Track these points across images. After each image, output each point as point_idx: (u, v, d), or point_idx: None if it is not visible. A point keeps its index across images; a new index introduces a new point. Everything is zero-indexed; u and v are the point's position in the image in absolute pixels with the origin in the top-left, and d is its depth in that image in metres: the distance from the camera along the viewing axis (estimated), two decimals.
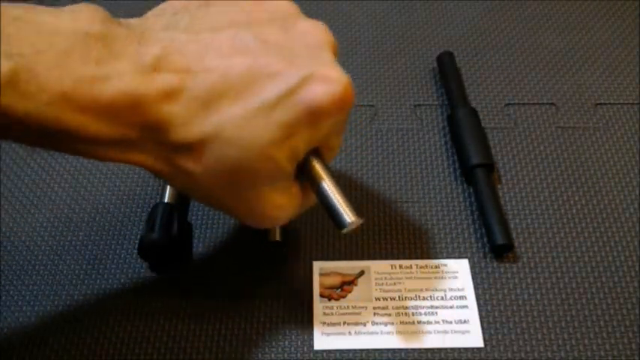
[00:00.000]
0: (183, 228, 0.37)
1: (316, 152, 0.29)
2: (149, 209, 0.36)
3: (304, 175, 0.29)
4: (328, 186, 0.29)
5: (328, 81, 0.26)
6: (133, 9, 0.30)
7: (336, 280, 0.36)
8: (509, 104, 0.44)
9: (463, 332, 0.34)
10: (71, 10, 0.25)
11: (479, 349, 0.33)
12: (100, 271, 0.36)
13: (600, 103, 0.44)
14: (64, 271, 0.36)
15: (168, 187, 0.37)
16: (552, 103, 0.44)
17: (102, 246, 0.37)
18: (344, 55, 0.47)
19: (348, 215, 0.28)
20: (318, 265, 0.36)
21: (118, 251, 0.37)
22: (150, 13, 0.28)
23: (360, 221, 0.29)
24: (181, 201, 0.37)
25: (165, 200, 0.36)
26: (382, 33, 0.49)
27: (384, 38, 0.48)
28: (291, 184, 0.29)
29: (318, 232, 0.38)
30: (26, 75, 0.22)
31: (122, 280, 0.36)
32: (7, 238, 0.37)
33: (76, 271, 0.36)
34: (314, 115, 0.26)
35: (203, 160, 0.26)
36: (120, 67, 0.24)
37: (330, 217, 0.29)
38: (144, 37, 0.25)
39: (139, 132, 0.25)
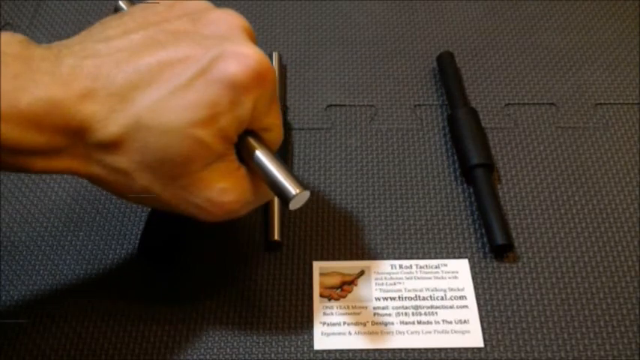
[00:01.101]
0: (182, 228, 0.37)
1: (253, 134, 0.29)
2: (149, 209, 0.36)
3: (241, 156, 0.29)
4: (265, 159, 0.28)
5: (240, 56, 0.26)
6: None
7: (336, 280, 0.36)
8: (509, 104, 0.44)
9: (463, 332, 0.34)
10: None
11: (479, 349, 0.33)
12: (100, 270, 0.36)
13: (600, 103, 0.44)
14: (64, 271, 0.36)
15: None
16: (552, 103, 0.44)
17: (102, 246, 0.37)
18: (344, 55, 0.47)
19: (291, 187, 0.28)
20: (318, 265, 0.36)
21: (118, 251, 0.37)
22: (72, 37, 0.29)
23: (306, 194, 0.28)
24: None
25: None
26: (382, 33, 0.49)
27: (384, 38, 0.48)
28: (231, 166, 0.28)
29: (318, 232, 0.38)
30: None
31: (122, 280, 0.36)
32: (7, 238, 0.37)
33: (76, 271, 0.36)
34: (230, 90, 0.26)
35: (131, 154, 0.26)
36: (37, 78, 0.25)
37: (275, 193, 0.28)
38: (61, 53, 0.26)
39: (64, 137, 0.26)
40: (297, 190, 0.28)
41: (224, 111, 0.26)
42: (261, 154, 0.28)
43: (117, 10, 0.34)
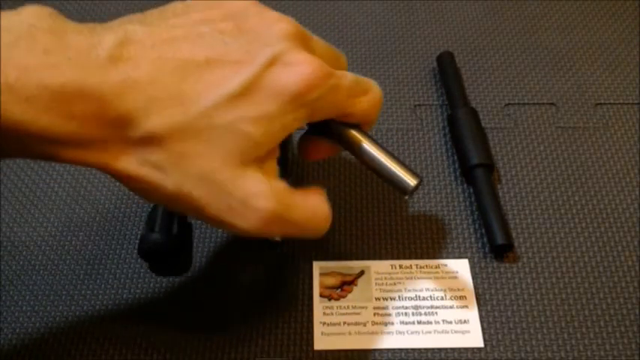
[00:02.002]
0: (183, 228, 0.37)
1: (353, 125, 0.29)
2: (149, 209, 0.36)
3: (348, 148, 0.29)
4: (375, 152, 0.29)
5: (290, 65, 0.25)
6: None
7: (336, 280, 0.36)
8: (509, 104, 0.44)
9: (463, 332, 0.34)
10: (14, 11, 0.23)
11: (479, 349, 0.33)
12: (100, 271, 0.36)
13: (600, 103, 0.44)
14: (64, 271, 0.36)
15: None
16: (552, 103, 0.44)
17: (102, 246, 0.37)
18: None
19: (409, 179, 0.29)
20: (318, 265, 0.36)
21: (118, 251, 0.37)
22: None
23: (421, 182, 0.29)
24: None
25: None
26: (382, 33, 0.49)
27: (384, 38, 0.48)
28: (271, 171, 0.27)
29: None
30: None
31: (122, 280, 0.36)
32: (7, 238, 0.37)
33: (76, 271, 0.36)
34: (291, 98, 0.25)
35: (171, 152, 0.24)
36: (71, 55, 0.22)
37: (391, 185, 0.30)
38: (96, 29, 0.24)
39: (98, 127, 0.23)
40: (415, 181, 0.29)
41: (284, 114, 0.26)
42: (368, 148, 0.29)
43: None
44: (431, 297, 0.35)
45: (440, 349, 0.33)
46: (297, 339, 0.34)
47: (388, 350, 0.33)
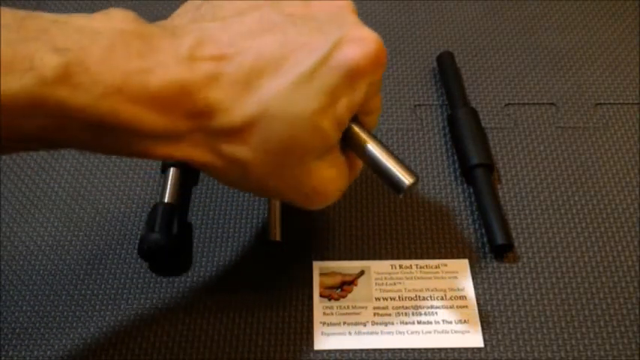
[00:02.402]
0: (183, 228, 0.37)
1: (356, 120, 0.29)
2: (149, 209, 0.36)
3: (348, 145, 0.29)
4: (376, 149, 0.29)
5: (359, 41, 0.26)
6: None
7: (336, 280, 0.36)
8: (509, 104, 0.44)
9: (463, 332, 0.34)
10: (104, 13, 0.25)
11: (479, 349, 0.33)
12: (100, 271, 0.36)
13: (600, 103, 0.44)
14: (64, 271, 0.36)
15: (169, 187, 0.37)
16: (552, 103, 0.44)
17: (102, 246, 0.37)
18: None
19: (404, 177, 0.28)
20: (318, 265, 0.36)
21: (118, 251, 0.37)
22: (174, 15, 0.29)
23: (417, 182, 0.29)
24: (181, 201, 0.37)
25: (166, 200, 0.36)
26: (382, 33, 0.48)
27: (384, 38, 0.48)
28: (337, 154, 0.29)
29: (318, 232, 0.38)
30: (78, 68, 0.23)
31: (122, 280, 0.36)
32: (7, 238, 0.37)
33: (76, 271, 0.36)
34: (352, 76, 0.26)
35: (252, 143, 0.26)
36: (161, 59, 0.24)
37: (385, 182, 0.29)
38: (175, 32, 0.26)
39: (188, 121, 0.25)
40: (411, 180, 0.28)
41: (343, 97, 0.26)
42: (371, 144, 0.29)
43: None
44: (431, 297, 0.35)
45: (440, 349, 0.33)
46: (297, 339, 0.34)
47: (388, 350, 0.33)
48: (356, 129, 0.29)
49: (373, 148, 0.29)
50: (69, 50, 0.23)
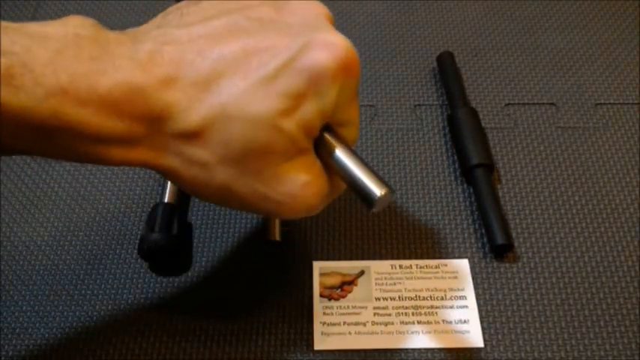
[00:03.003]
0: (183, 228, 0.37)
1: (330, 129, 0.27)
2: (149, 209, 0.36)
3: (319, 154, 0.27)
4: (345, 158, 0.27)
5: (328, 45, 0.25)
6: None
7: (336, 280, 0.36)
8: (509, 104, 0.44)
9: (463, 332, 0.34)
10: (60, 21, 0.24)
11: (479, 349, 0.33)
12: (100, 271, 0.36)
13: (600, 103, 0.44)
14: (64, 271, 0.36)
15: (169, 186, 0.37)
16: (552, 103, 0.44)
17: (102, 246, 0.37)
18: None
19: (375, 188, 0.25)
20: (318, 265, 0.36)
21: (118, 251, 0.37)
22: (144, 25, 0.28)
23: (391, 194, 0.26)
24: (181, 201, 0.37)
25: (165, 200, 0.36)
26: (382, 33, 0.49)
27: (384, 38, 0.48)
28: (311, 159, 0.27)
29: (318, 232, 0.38)
30: (20, 69, 0.22)
31: (122, 280, 0.36)
32: (7, 238, 0.37)
33: (76, 271, 0.36)
34: (318, 80, 0.25)
35: (212, 145, 0.25)
36: (115, 62, 0.24)
37: (356, 194, 0.26)
38: (136, 38, 0.25)
39: (142, 125, 0.24)
40: (382, 192, 0.25)
41: (308, 101, 0.25)
42: (340, 151, 0.27)
43: None
44: (431, 297, 0.35)
45: (440, 349, 0.33)
46: (297, 339, 0.34)
47: (388, 350, 0.33)
48: (327, 136, 0.27)
49: (342, 156, 0.27)
50: (14, 54, 0.22)
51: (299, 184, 0.26)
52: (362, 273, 0.36)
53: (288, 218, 0.28)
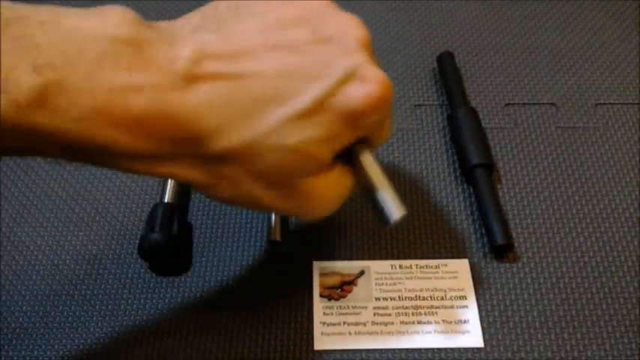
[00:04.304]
0: (183, 228, 0.37)
1: (364, 140, 0.28)
2: (149, 209, 0.36)
3: (348, 161, 0.28)
4: (375, 180, 0.28)
5: (366, 81, 0.25)
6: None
7: (336, 280, 0.36)
8: (509, 104, 0.44)
9: (463, 332, 0.34)
10: (99, 13, 0.23)
11: (479, 349, 0.33)
12: (100, 271, 0.36)
13: (600, 103, 0.44)
14: (64, 271, 0.36)
15: (169, 186, 0.37)
16: (552, 103, 0.44)
17: (102, 246, 0.37)
18: None
19: (394, 211, 0.27)
20: (318, 265, 0.36)
21: (118, 251, 0.37)
22: (179, 18, 0.27)
23: (405, 215, 0.27)
24: (181, 201, 0.37)
25: (165, 200, 0.36)
26: (382, 33, 0.49)
27: (384, 38, 0.48)
28: (340, 170, 0.28)
29: (318, 232, 0.38)
30: (56, 89, 0.21)
31: (122, 280, 0.36)
32: (7, 238, 0.37)
33: (76, 271, 0.36)
34: (353, 118, 0.25)
35: (246, 167, 0.25)
36: (151, 75, 0.23)
37: (374, 210, 0.28)
38: (174, 39, 0.24)
39: (173, 145, 0.24)
40: (400, 214, 0.27)
41: (344, 132, 0.26)
42: (367, 166, 0.28)
43: None
44: (431, 297, 0.35)
45: (440, 349, 0.33)
46: (297, 339, 0.34)
47: (388, 350, 0.33)
48: (356, 150, 0.28)
49: (369, 171, 0.28)
50: (52, 67, 0.21)
51: (323, 198, 0.28)
52: (362, 273, 0.36)
53: (307, 219, 0.29)
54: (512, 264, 0.36)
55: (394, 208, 0.27)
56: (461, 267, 0.36)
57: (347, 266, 0.36)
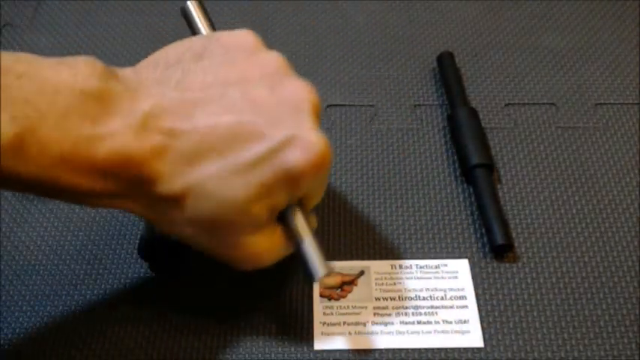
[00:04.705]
0: None
1: (298, 201, 0.30)
2: None
3: (281, 220, 0.30)
4: (304, 240, 0.29)
5: (307, 146, 0.27)
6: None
7: (336, 280, 0.36)
8: (509, 104, 0.44)
9: (463, 332, 0.34)
10: (70, 66, 0.26)
11: (479, 349, 0.33)
12: (100, 271, 0.36)
13: (600, 103, 0.44)
14: (64, 271, 0.36)
15: None
16: (552, 103, 0.44)
17: (102, 246, 0.37)
18: (344, 55, 0.47)
19: (319, 269, 0.29)
20: None
21: (118, 251, 0.37)
22: (144, 63, 0.29)
23: (331, 273, 0.30)
24: None
25: None
26: (382, 33, 0.49)
27: (384, 38, 0.48)
28: (272, 229, 0.29)
29: (319, 232, 0.37)
30: (30, 139, 0.24)
31: (122, 280, 0.36)
32: (7, 238, 0.37)
33: (76, 271, 0.36)
34: (291, 178, 0.27)
35: (185, 210, 0.27)
36: (113, 126, 0.25)
37: (303, 268, 0.30)
38: (136, 93, 0.26)
39: (129, 186, 0.27)
40: (323, 274, 0.29)
41: (281, 191, 0.28)
42: (298, 227, 0.29)
43: (184, 11, 0.34)
44: (431, 297, 0.35)
45: (440, 349, 0.33)
46: (297, 339, 0.34)
47: (388, 350, 0.33)
48: (293, 214, 0.29)
49: (300, 231, 0.29)
50: (27, 118, 0.23)
51: (257, 253, 0.30)
52: (362, 273, 0.36)
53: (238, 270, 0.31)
54: (512, 264, 0.36)
55: (319, 268, 0.29)
56: (461, 267, 0.36)
57: (347, 266, 0.36)
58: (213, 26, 0.34)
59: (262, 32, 0.48)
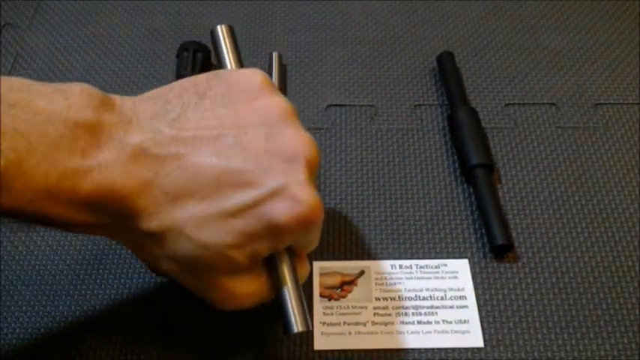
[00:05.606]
0: None
1: (289, 247, 0.29)
2: None
3: (267, 266, 0.29)
4: (284, 290, 0.28)
5: (295, 201, 0.26)
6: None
7: (336, 280, 0.36)
8: (509, 104, 0.44)
9: (463, 332, 0.34)
10: (65, 95, 0.25)
11: (479, 349, 0.33)
12: (100, 271, 0.36)
13: (600, 103, 0.44)
14: (64, 271, 0.36)
15: None
16: (552, 103, 0.44)
17: (102, 246, 0.37)
18: (344, 55, 0.47)
19: (296, 325, 0.28)
20: (318, 265, 0.36)
21: (117, 251, 0.37)
22: (147, 95, 0.28)
23: (305, 330, 0.28)
24: None
25: None
26: (382, 33, 0.49)
27: (384, 38, 0.48)
28: (256, 273, 0.28)
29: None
30: (15, 172, 0.23)
31: (122, 280, 0.36)
32: (7, 238, 0.37)
33: (76, 271, 0.36)
34: (274, 231, 0.26)
35: (166, 247, 0.27)
36: (102, 159, 0.25)
37: (281, 318, 0.29)
38: (130, 125, 0.26)
39: (114, 219, 0.26)
40: (301, 329, 0.28)
41: (263, 241, 0.27)
42: (284, 280, 0.28)
43: (213, 35, 0.32)
44: (431, 297, 0.35)
45: (440, 349, 0.33)
46: (297, 339, 0.34)
47: (388, 350, 0.33)
48: (277, 260, 0.28)
49: (281, 285, 0.28)
50: (14, 151, 0.23)
51: (238, 294, 0.28)
52: (362, 273, 0.36)
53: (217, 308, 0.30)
54: (512, 264, 0.36)
55: (294, 323, 0.28)
56: (461, 267, 0.36)
57: (347, 266, 0.36)
58: (239, 54, 0.32)
59: (262, 32, 0.48)
